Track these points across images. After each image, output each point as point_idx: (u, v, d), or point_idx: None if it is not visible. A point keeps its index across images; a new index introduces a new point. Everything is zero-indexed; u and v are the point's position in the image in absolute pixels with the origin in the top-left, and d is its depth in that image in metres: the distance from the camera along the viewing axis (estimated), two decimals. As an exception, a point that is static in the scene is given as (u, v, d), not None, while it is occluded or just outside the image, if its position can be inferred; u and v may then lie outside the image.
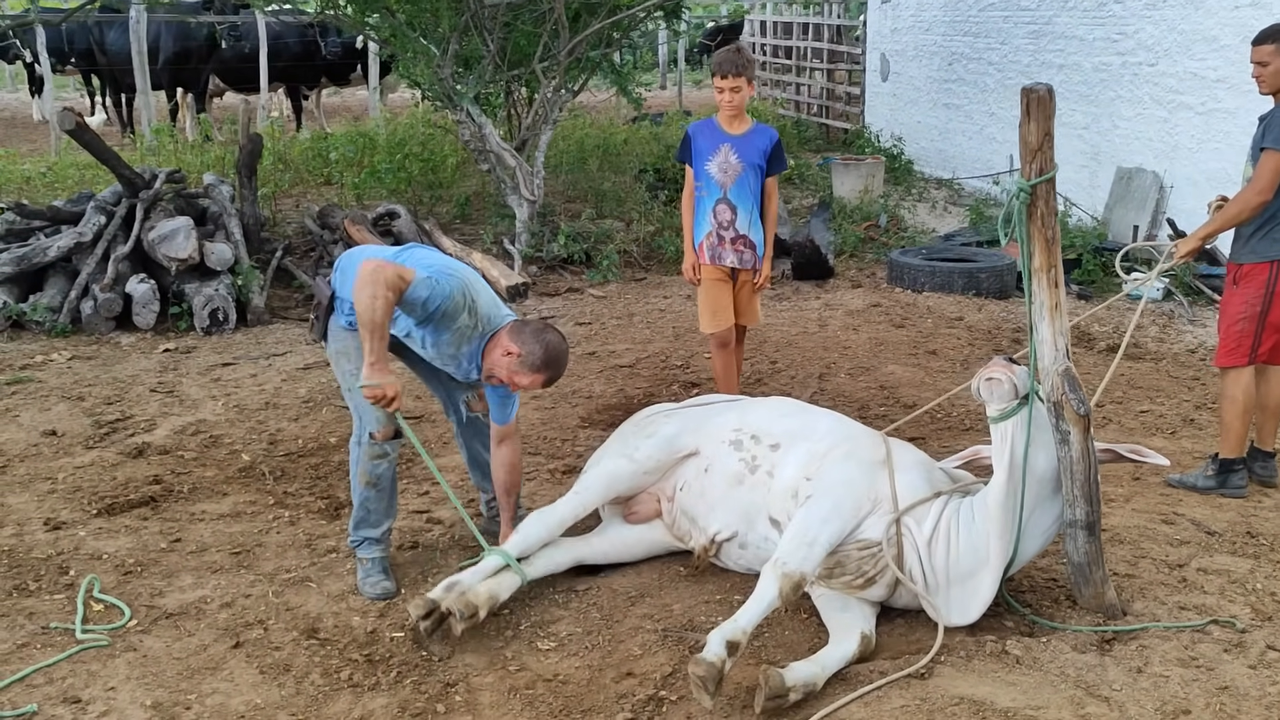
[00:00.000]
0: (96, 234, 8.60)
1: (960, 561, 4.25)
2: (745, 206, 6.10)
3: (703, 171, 6.13)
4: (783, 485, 4.52)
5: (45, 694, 3.99)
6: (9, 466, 5.91)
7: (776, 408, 4.99)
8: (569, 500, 4.79)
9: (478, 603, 4.30)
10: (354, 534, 4.78)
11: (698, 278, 6.29)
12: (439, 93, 10.27)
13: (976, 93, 13.34)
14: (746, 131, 6.10)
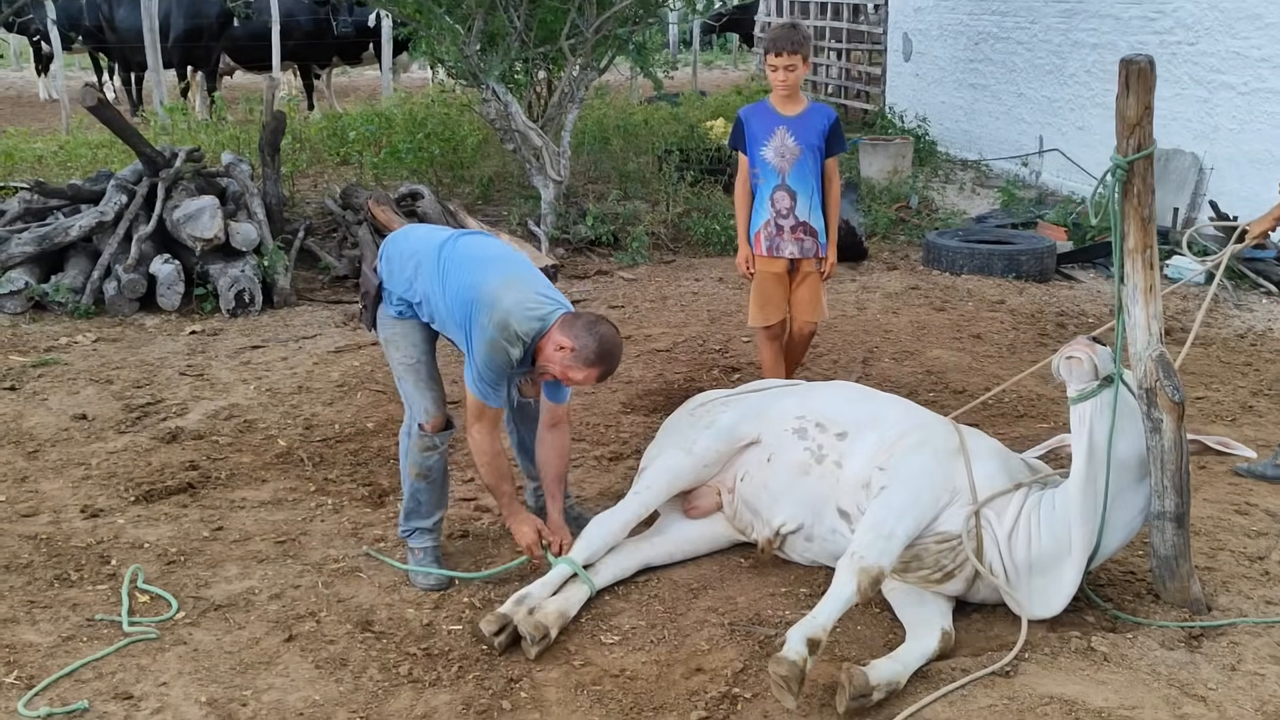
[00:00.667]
0: (118, 213, 8.42)
1: (1042, 553, 4.09)
2: (805, 192, 5.81)
3: (758, 157, 5.83)
4: (853, 476, 4.36)
5: (95, 689, 3.84)
6: (40, 451, 5.75)
7: (839, 393, 4.82)
8: (630, 502, 4.63)
9: (548, 623, 4.13)
10: (404, 524, 4.65)
11: (751, 272, 6.02)
12: (464, 70, 10.08)
13: (1004, 73, 13.14)
14: (802, 112, 5.80)
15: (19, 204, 9.14)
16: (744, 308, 8.05)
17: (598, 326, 4.28)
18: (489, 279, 4.24)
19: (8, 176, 11.80)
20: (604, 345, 4.25)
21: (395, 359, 4.50)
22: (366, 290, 4.54)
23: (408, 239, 4.56)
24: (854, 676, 3.66)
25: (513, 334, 4.18)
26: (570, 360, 4.23)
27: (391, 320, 4.48)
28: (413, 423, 4.47)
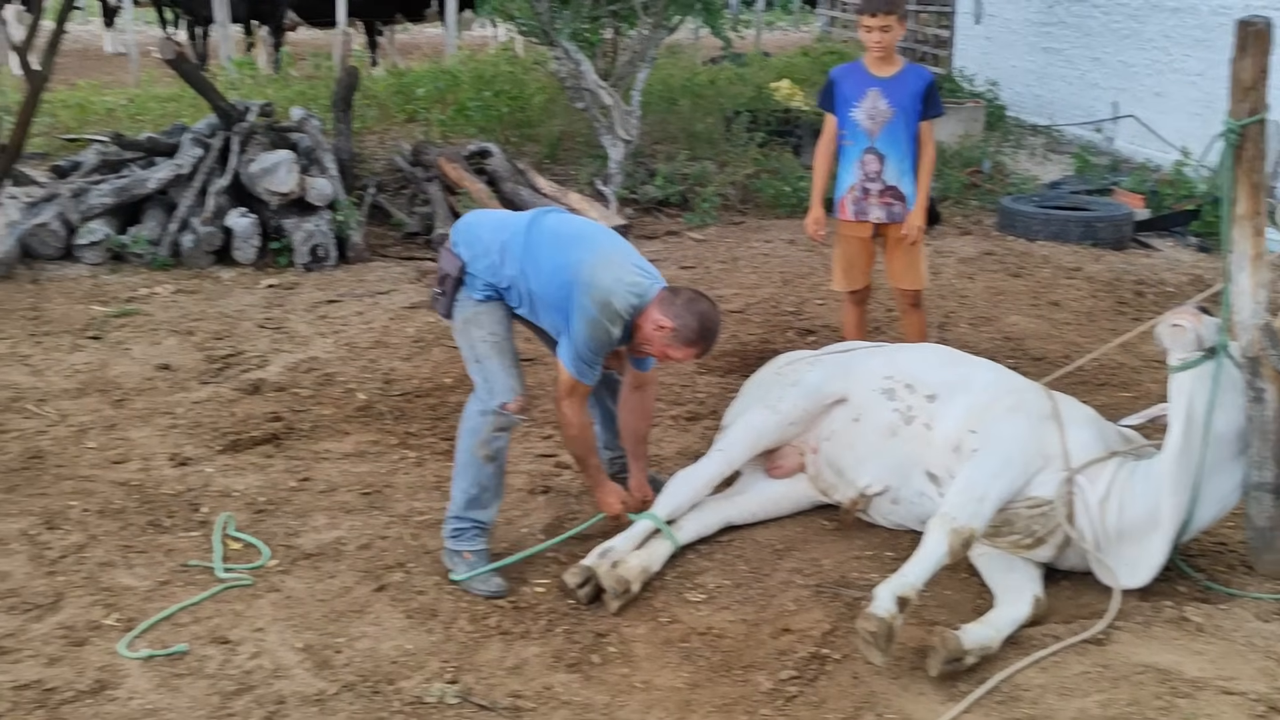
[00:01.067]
0: (194, 166, 8.48)
1: (1133, 523, 4.05)
2: (895, 155, 5.67)
3: (848, 119, 5.71)
4: (943, 438, 4.32)
5: (193, 633, 3.91)
6: (126, 400, 5.84)
7: (928, 355, 4.79)
8: (714, 459, 4.63)
9: (630, 577, 4.16)
10: (461, 516, 4.31)
11: (821, 234, 5.93)
12: (535, 28, 10.03)
13: (1079, 36, 12.91)
14: (897, 74, 5.66)
15: (95, 156, 9.25)
16: (816, 270, 8.06)
17: (697, 304, 4.20)
18: (584, 257, 4.16)
19: (80, 129, 11.95)
20: (704, 323, 4.18)
21: (478, 337, 4.30)
22: (446, 274, 4.34)
23: (484, 224, 4.43)
24: (947, 640, 3.65)
25: (614, 312, 4.09)
26: (670, 339, 4.16)
27: (475, 302, 4.32)
28: (493, 403, 4.25)
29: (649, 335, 4.19)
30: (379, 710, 3.54)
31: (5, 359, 6.30)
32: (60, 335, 6.69)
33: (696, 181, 9.97)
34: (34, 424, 5.51)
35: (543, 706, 3.59)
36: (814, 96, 12.93)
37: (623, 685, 3.70)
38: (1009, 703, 3.57)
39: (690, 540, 4.49)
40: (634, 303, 4.14)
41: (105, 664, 3.73)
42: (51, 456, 5.17)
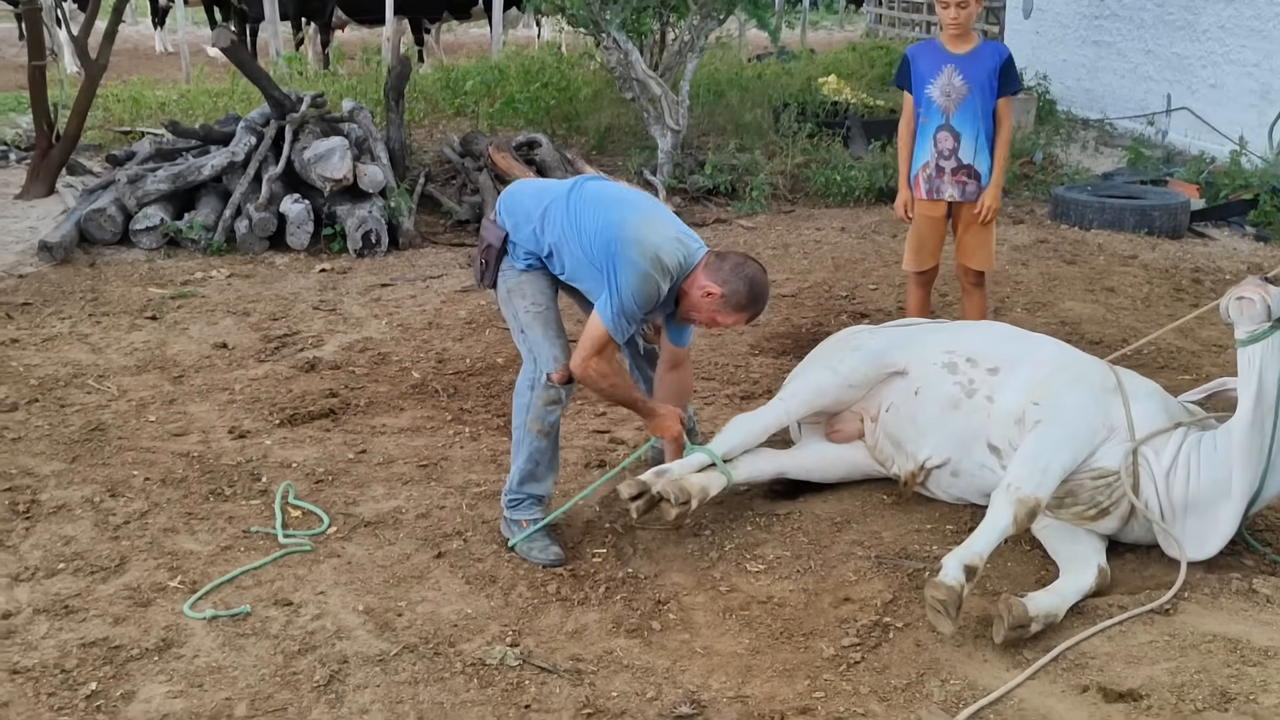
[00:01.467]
0: (248, 154, 8.56)
1: (1200, 494, 3.99)
2: (970, 133, 5.63)
3: (923, 97, 5.68)
4: (1005, 410, 4.28)
5: (256, 595, 3.93)
6: (185, 376, 5.90)
7: (990, 331, 4.76)
8: (773, 407, 4.63)
9: (691, 490, 4.16)
10: (517, 490, 4.31)
11: (910, 214, 5.89)
12: (585, 18, 10.05)
13: (1132, 29, 12.77)
14: (972, 50, 5.61)
15: (150, 145, 9.37)
16: (869, 256, 8.04)
17: (745, 268, 4.12)
18: (629, 216, 4.10)
19: (133, 122, 12.10)
20: (754, 288, 4.11)
21: (521, 308, 4.26)
22: (490, 244, 4.30)
23: (526, 191, 4.39)
24: (1013, 607, 3.61)
25: (663, 267, 4.02)
26: (719, 305, 4.10)
27: (518, 272, 4.28)
28: (539, 374, 4.22)
29: (696, 302, 4.12)
30: (441, 671, 3.55)
31: (65, 338, 6.39)
32: (119, 315, 6.78)
33: (745, 171, 9.95)
34: (95, 399, 5.58)
35: (603, 669, 3.59)
36: (862, 90, 12.97)
37: (683, 650, 3.69)
38: (1075, 670, 3.53)
39: (742, 481, 4.52)
40: (681, 260, 4.07)
41: (170, 624, 3.76)
42: (113, 429, 5.23)
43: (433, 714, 3.35)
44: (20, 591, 3.92)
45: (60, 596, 3.89)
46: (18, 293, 7.14)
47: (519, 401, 4.31)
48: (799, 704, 3.41)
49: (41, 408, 5.44)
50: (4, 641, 3.65)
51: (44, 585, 3.96)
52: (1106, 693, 3.40)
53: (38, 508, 4.48)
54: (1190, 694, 3.37)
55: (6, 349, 6.17)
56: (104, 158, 10.32)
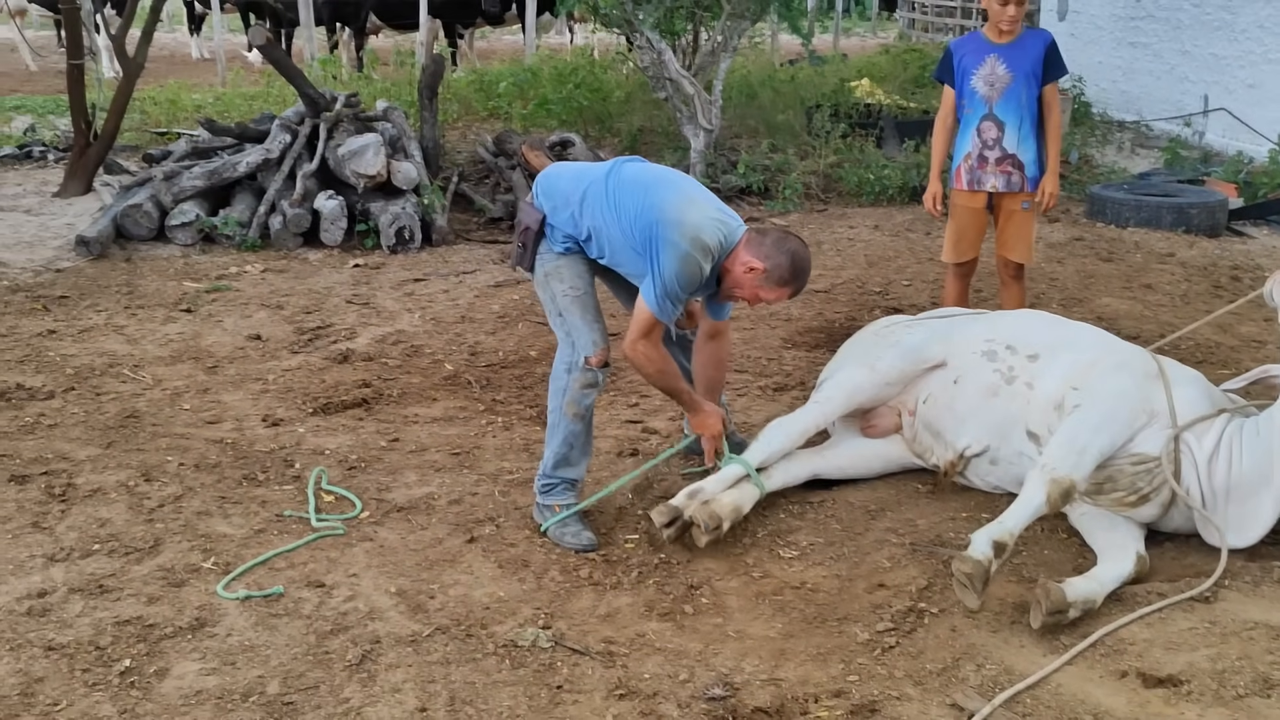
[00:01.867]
0: (283, 151, 8.62)
1: (1242, 481, 3.94)
2: (1014, 122, 5.60)
3: (966, 88, 5.65)
4: (1045, 396, 4.24)
5: (289, 577, 3.94)
6: (219, 367, 5.92)
7: (1030, 319, 4.72)
8: (810, 410, 4.58)
9: (722, 514, 4.12)
10: (550, 474, 4.32)
11: (939, 210, 5.83)
12: (618, 19, 10.07)
13: (1169, 30, 12.67)
14: (1015, 39, 5.59)
15: (186, 144, 9.44)
16: (902, 254, 8.00)
17: (786, 243, 4.11)
18: (669, 197, 4.07)
19: (170, 123, 12.22)
20: (796, 263, 4.09)
21: (559, 291, 4.25)
22: (528, 226, 4.28)
23: (564, 175, 4.37)
24: (1050, 592, 3.57)
25: (705, 247, 4.00)
26: (761, 281, 4.07)
27: (555, 255, 4.28)
28: (576, 357, 4.21)
29: (739, 278, 4.10)
30: (473, 652, 3.54)
31: (101, 329, 6.44)
32: (154, 308, 6.82)
33: (778, 170, 9.93)
34: (130, 387, 5.61)
35: (636, 652, 3.56)
36: (895, 92, 12.93)
37: (716, 634, 3.67)
38: (1113, 655, 3.49)
39: (778, 488, 4.46)
40: (722, 239, 4.06)
41: (203, 603, 3.77)
42: (147, 416, 5.26)
43: (465, 693, 3.34)
44: (56, 571, 3.94)
45: (95, 576, 3.91)
46: (55, 286, 7.20)
47: (555, 385, 4.30)
48: (833, 687, 3.38)
49: (78, 396, 5.48)
50: (39, 619, 3.66)
51: (79, 565, 3.98)
52: (1146, 678, 3.35)
53: (73, 491, 4.51)
54: (1231, 680, 3.32)
55: (44, 340, 6.22)
56: (140, 157, 10.42)
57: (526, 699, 3.33)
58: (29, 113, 13.23)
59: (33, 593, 3.80)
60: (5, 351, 6.02)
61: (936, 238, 8.55)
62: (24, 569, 3.95)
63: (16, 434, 5.04)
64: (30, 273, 7.48)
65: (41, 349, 6.08)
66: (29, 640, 3.55)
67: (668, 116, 10.93)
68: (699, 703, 3.30)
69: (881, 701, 3.31)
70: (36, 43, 18.66)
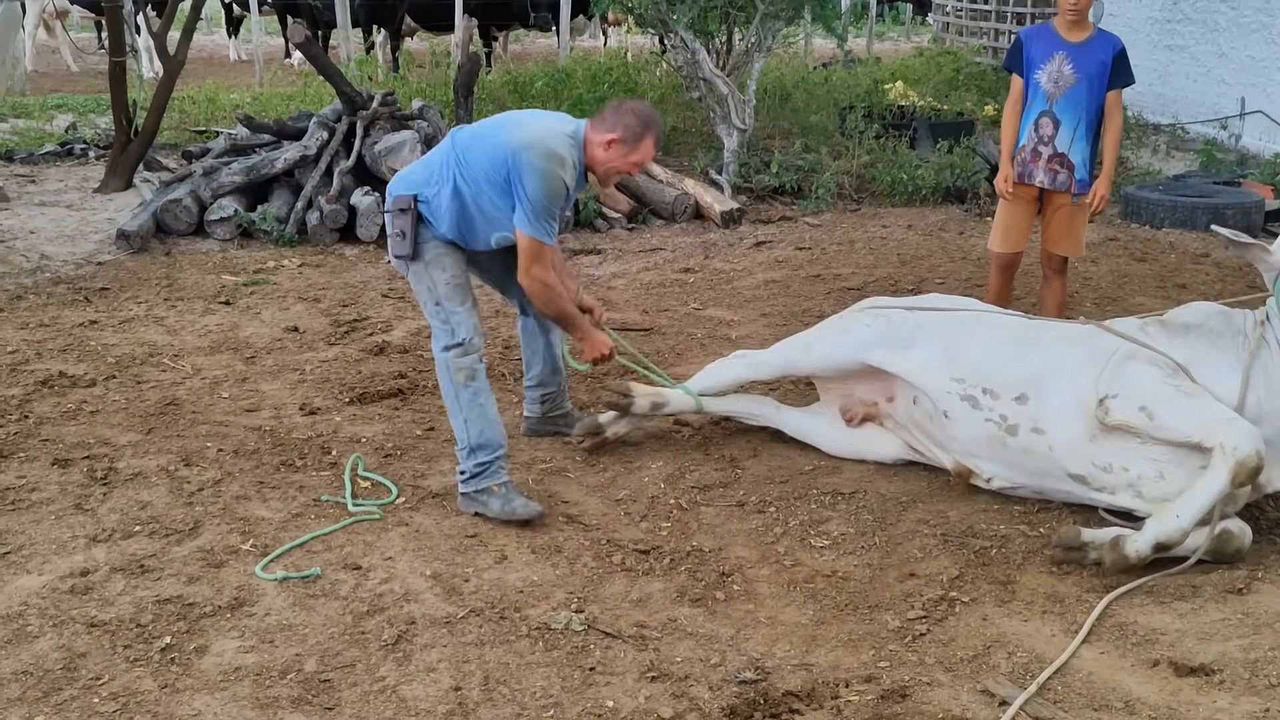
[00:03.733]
0: (320, 148, 8.70)
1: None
2: (1070, 122, 5.64)
3: (1032, 80, 5.69)
4: (1067, 439, 4.17)
5: (326, 560, 3.99)
6: (257, 357, 6.00)
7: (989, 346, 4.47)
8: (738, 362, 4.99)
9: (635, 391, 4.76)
10: (475, 460, 4.31)
11: (1010, 191, 5.84)
12: (652, 18, 10.11)
13: (1205, 32, 12.60)
14: (1086, 40, 5.61)
15: (225, 140, 9.54)
16: (934, 253, 8.01)
17: (623, 105, 4.31)
18: (511, 131, 4.23)
19: (209, 122, 12.35)
20: (640, 114, 4.26)
21: (441, 280, 4.33)
22: (402, 209, 4.31)
23: (412, 169, 4.46)
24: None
25: (559, 157, 4.16)
26: (624, 147, 4.23)
27: (436, 241, 4.35)
28: (451, 342, 4.32)
29: (604, 157, 4.27)
30: (506, 634, 3.58)
31: (142, 320, 6.53)
32: (193, 300, 6.91)
33: (811, 170, 9.94)
34: (170, 376, 5.69)
35: (668, 637, 3.60)
36: (929, 95, 12.91)
37: (747, 620, 3.69)
38: (1145, 645, 3.49)
39: (716, 410, 4.95)
40: (571, 142, 4.22)
41: (242, 584, 3.83)
42: (187, 404, 5.34)
43: (499, 673, 3.38)
44: (98, 551, 4.01)
45: (136, 556, 3.98)
46: (96, 279, 7.31)
47: (441, 369, 4.39)
48: (863, 673, 3.40)
49: (119, 384, 5.57)
50: (82, 597, 3.73)
51: (120, 546, 4.05)
52: (1178, 667, 3.36)
53: (115, 475, 4.59)
54: (1264, 670, 3.32)
55: (86, 330, 6.32)
56: (180, 154, 10.55)
57: (560, 680, 3.36)
58: (70, 111, 13.42)
59: (75, 571, 3.87)
60: (48, 341, 6.12)
61: (970, 237, 8.56)
62: (67, 549, 4.03)
63: (59, 420, 5.12)
64: (72, 265, 7.60)
65: (83, 339, 6.17)
66: (72, 617, 3.62)
67: (701, 117, 10.97)
68: (730, 685, 3.33)
69: (912, 687, 3.32)
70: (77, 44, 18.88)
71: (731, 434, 5.08)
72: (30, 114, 13.01)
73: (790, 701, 3.27)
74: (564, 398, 5.05)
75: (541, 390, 5.00)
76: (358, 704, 3.24)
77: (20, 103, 13.48)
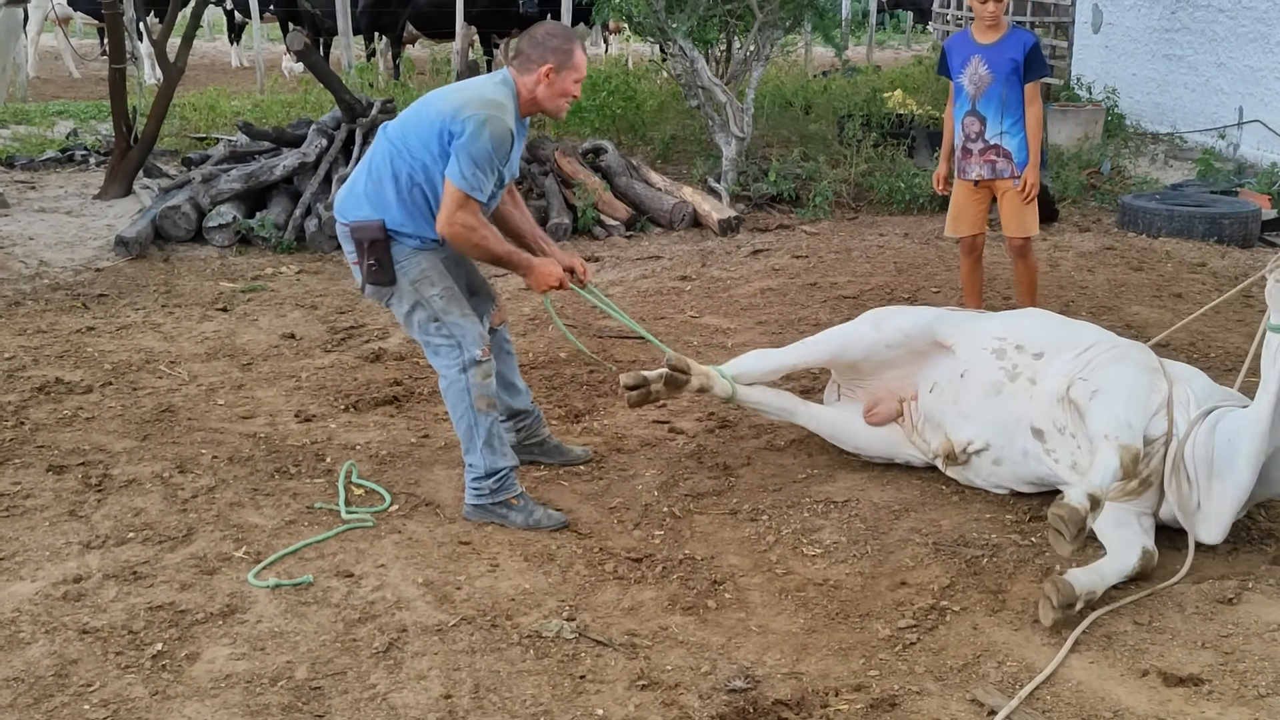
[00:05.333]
0: (319, 155, 8.74)
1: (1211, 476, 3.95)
2: (994, 116, 6.08)
3: (956, 83, 6.20)
4: (1047, 392, 4.28)
5: (318, 567, 4.01)
6: (254, 364, 6.01)
7: (1039, 318, 4.78)
8: (794, 347, 4.85)
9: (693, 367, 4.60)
10: (492, 470, 4.29)
11: (946, 189, 6.45)
12: (651, 26, 10.13)
13: (1204, 42, 12.62)
14: (998, 40, 6.09)
15: (224, 148, 9.57)
16: (931, 261, 8.04)
17: (536, 32, 4.22)
18: (442, 101, 4.16)
19: (209, 129, 12.38)
20: (558, 34, 4.21)
21: (433, 294, 4.24)
22: (373, 239, 4.19)
23: (355, 183, 4.34)
24: (1060, 586, 3.63)
25: (498, 103, 4.08)
26: (560, 73, 4.15)
27: (413, 254, 4.23)
28: (466, 356, 4.25)
29: (543, 93, 4.18)
30: (498, 642, 3.59)
31: (139, 326, 6.54)
32: (190, 307, 6.93)
33: (809, 178, 9.96)
34: (166, 383, 5.70)
35: (658, 645, 3.60)
36: (927, 103, 12.93)
37: (738, 628, 3.70)
38: (1134, 654, 3.51)
39: (746, 401, 4.78)
40: (505, 90, 4.15)
41: (234, 591, 3.84)
42: (183, 411, 5.35)
43: (489, 681, 3.39)
44: (91, 558, 4.03)
45: (129, 563, 3.99)
46: (94, 285, 7.33)
47: (455, 391, 4.30)
48: (854, 681, 3.41)
49: (115, 390, 5.58)
50: (74, 604, 3.74)
51: (114, 553, 4.06)
52: (1166, 677, 3.37)
53: (109, 481, 4.60)
54: (1253, 680, 3.34)
55: (83, 336, 6.33)
56: (179, 161, 10.57)
57: (550, 688, 3.37)
58: (71, 117, 13.45)
59: (69, 578, 3.88)
60: (45, 347, 6.13)
61: (967, 246, 8.57)
62: (60, 555, 4.04)
63: (55, 426, 5.14)
64: (71, 271, 7.61)
65: (80, 345, 6.19)
66: (64, 624, 3.63)
67: (700, 125, 10.98)
68: (720, 694, 3.34)
69: (901, 696, 3.33)
70: (79, 50, 18.94)
71: (725, 442, 5.09)
72: (31, 120, 13.04)
73: (780, 710, 3.28)
74: (539, 424, 4.85)
75: (516, 420, 4.78)
76: (348, 711, 3.25)
77: (22, 109, 13.52)
